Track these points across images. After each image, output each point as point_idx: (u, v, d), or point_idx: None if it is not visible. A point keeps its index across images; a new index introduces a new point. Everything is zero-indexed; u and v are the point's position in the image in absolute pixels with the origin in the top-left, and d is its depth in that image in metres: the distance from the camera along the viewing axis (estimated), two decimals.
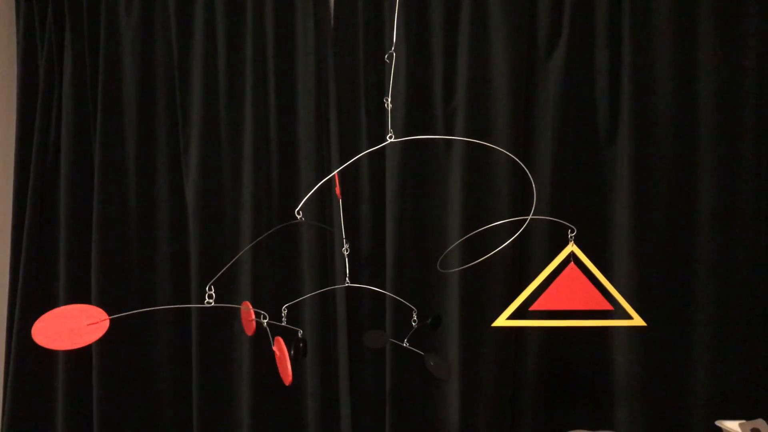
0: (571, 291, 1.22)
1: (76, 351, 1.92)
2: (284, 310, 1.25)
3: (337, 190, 1.47)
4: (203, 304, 1.10)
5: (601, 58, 1.79)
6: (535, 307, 1.23)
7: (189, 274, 1.96)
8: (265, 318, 1.17)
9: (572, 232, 1.27)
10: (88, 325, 1.04)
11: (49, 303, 1.97)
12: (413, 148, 1.84)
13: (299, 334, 1.28)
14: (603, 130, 1.81)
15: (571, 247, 1.25)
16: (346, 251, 1.54)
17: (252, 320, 1.22)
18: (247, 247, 1.87)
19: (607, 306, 1.23)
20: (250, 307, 1.22)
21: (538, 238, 1.81)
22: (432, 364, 1.46)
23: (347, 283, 1.56)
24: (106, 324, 1.05)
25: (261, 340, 1.26)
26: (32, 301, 1.99)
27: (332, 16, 1.92)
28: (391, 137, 1.19)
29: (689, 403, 1.76)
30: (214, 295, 1.11)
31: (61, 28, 2.01)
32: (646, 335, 1.70)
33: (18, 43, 2.06)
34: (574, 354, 1.82)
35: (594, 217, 1.80)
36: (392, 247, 1.85)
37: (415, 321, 1.54)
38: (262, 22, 1.94)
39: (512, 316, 1.27)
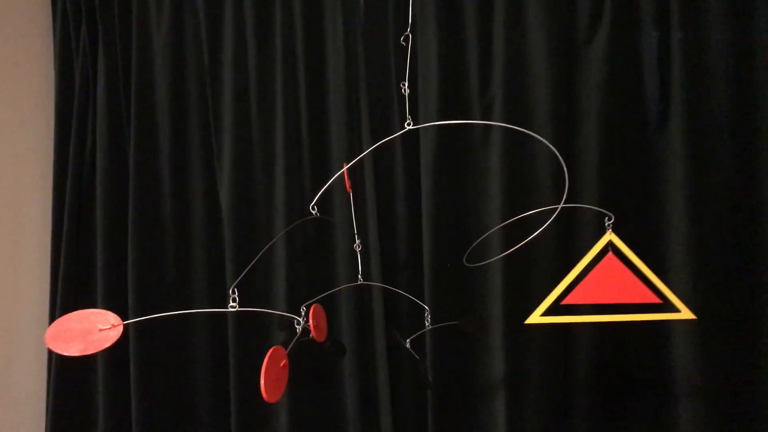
0: (610, 283, 1.12)
1: (114, 362, 2.01)
2: (303, 309, 1.20)
3: (347, 184, 1.42)
4: (226, 308, 1.05)
5: (647, 38, 1.67)
6: (567, 300, 1.14)
7: (224, 279, 1.94)
8: (298, 324, 1.13)
9: (609, 219, 1.18)
10: (100, 330, 1.01)
11: None
12: (448, 142, 1.77)
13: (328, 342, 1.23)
14: (652, 117, 1.69)
15: (609, 236, 1.16)
16: (358, 247, 1.48)
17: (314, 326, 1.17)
18: (266, 246, 1.84)
19: (653, 299, 1.12)
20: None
21: (587, 231, 1.70)
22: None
23: (360, 280, 1.49)
24: (120, 329, 1.02)
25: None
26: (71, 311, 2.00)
27: (362, 9, 1.88)
28: (409, 124, 1.13)
29: (756, 401, 1.62)
30: (237, 298, 1.07)
31: (95, 36, 2.03)
32: (708, 331, 1.58)
33: (55, 55, 2.09)
34: (629, 353, 1.70)
35: (645, 208, 1.68)
36: (429, 247, 1.77)
37: (428, 321, 1.49)
38: (291, 21, 1.90)
39: (548, 312, 1.17)
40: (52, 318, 2.03)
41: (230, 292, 1.01)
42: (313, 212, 1.14)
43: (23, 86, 2.12)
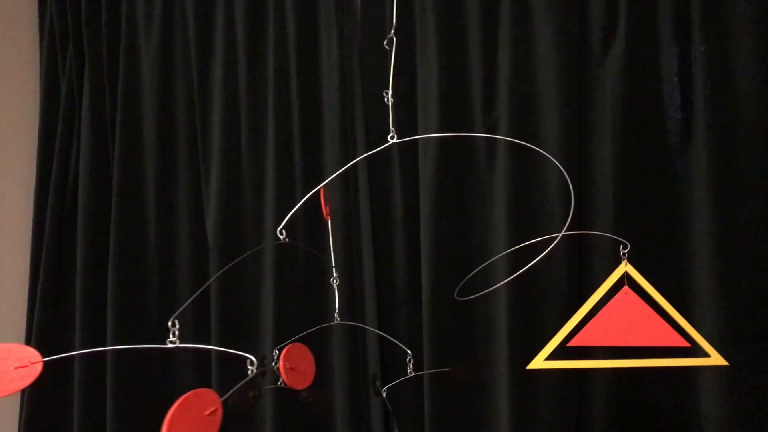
0: (626, 322, 0.95)
1: (91, 396, 1.86)
2: (275, 352, 1.04)
3: (324, 209, 1.26)
4: (167, 344, 0.89)
5: (667, 52, 1.52)
6: (575, 342, 0.97)
7: (209, 310, 1.78)
8: (252, 364, 0.95)
9: (625, 248, 1.01)
10: (15, 368, 0.86)
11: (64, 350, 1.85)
12: (449, 166, 1.62)
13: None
14: (674, 137, 1.53)
15: (624, 267, 0.99)
16: (335, 281, 1.32)
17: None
18: (212, 278, 1.70)
19: (677, 341, 0.95)
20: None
21: (603, 264, 1.53)
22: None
23: (336, 320, 1.33)
24: (38, 368, 0.86)
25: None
26: (46, 347, 1.86)
27: (359, 24, 1.75)
28: (393, 137, 0.98)
29: None
30: (177, 332, 0.91)
31: (81, 57, 1.92)
32: (739, 377, 1.39)
33: (40, 75, 2.00)
34: (650, 400, 1.51)
35: (667, 239, 1.51)
36: (428, 281, 1.61)
37: (410, 367, 1.34)
38: (284, 42, 1.78)
39: (554, 356, 1.00)
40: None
41: (170, 324, 0.85)
42: (281, 237, 0.99)
43: (7, 106, 2.03)
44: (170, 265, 1.85)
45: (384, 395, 1.29)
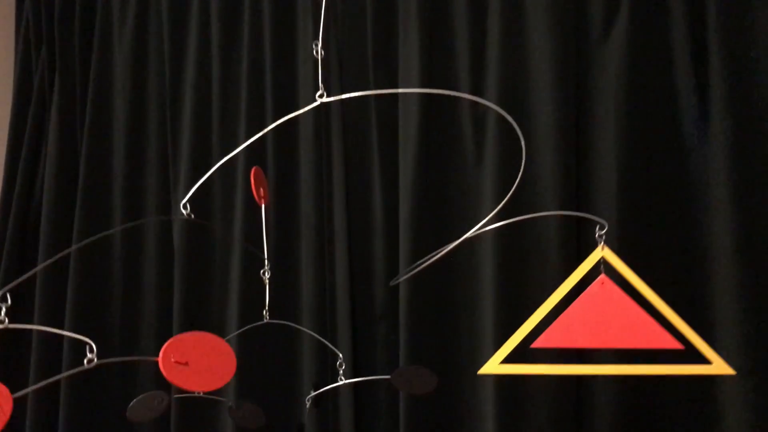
0: (602, 318, 0.75)
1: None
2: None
3: (255, 193, 1.10)
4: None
5: (677, 29, 1.33)
6: (538, 343, 0.77)
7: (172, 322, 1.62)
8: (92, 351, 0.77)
9: (602, 229, 0.82)
10: None
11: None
12: (432, 162, 1.44)
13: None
14: (688, 128, 1.33)
15: (601, 252, 0.79)
16: (266, 273, 1.15)
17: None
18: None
19: (669, 342, 0.74)
20: None
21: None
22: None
23: (266, 318, 1.17)
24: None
25: None
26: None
27: (339, 18, 1.60)
28: (322, 96, 0.82)
29: None
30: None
31: (53, 51, 1.82)
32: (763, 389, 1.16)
33: (15, 72, 1.90)
34: (660, 411, 1.28)
35: (682, 243, 1.30)
36: (406, 292, 1.42)
37: (341, 372, 1.24)
38: (260, 37, 1.65)
39: (510, 360, 0.80)
40: None
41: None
42: (185, 212, 0.83)
43: None
44: (134, 270, 1.70)
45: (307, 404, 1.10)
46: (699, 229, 1.29)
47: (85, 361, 0.69)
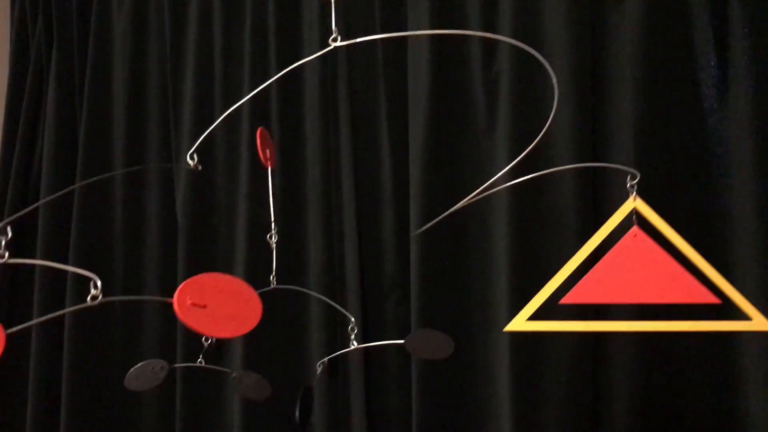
0: (634, 273, 0.71)
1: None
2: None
3: (261, 154, 1.05)
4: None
5: None
6: (568, 299, 0.73)
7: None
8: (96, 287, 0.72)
9: (633, 179, 0.78)
10: None
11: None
12: (442, 128, 1.40)
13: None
14: (709, 92, 1.29)
15: (633, 203, 0.75)
16: (273, 238, 1.11)
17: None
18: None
19: (705, 296, 0.71)
20: None
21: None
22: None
23: (273, 284, 1.16)
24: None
25: None
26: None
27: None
28: (336, 39, 0.79)
29: None
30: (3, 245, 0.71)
31: (49, 23, 1.76)
32: None
33: (10, 43, 1.85)
34: (682, 385, 1.25)
35: (701, 205, 1.26)
36: (417, 266, 1.38)
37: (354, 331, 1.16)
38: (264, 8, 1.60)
39: (536, 317, 0.76)
40: None
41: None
42: (191, 162, 0.79)
43: None
44: (137, 246, 1.66)
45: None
46: (718, 191, 1.26)
47: (89, 297, 0.64)
